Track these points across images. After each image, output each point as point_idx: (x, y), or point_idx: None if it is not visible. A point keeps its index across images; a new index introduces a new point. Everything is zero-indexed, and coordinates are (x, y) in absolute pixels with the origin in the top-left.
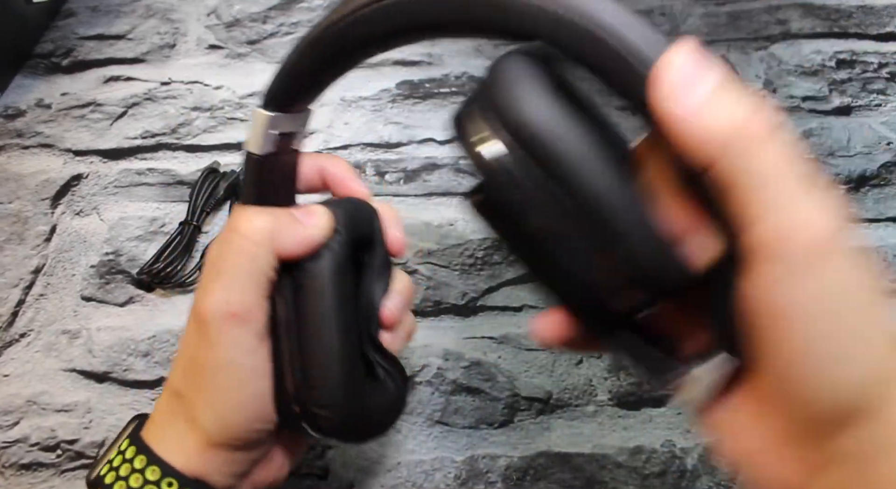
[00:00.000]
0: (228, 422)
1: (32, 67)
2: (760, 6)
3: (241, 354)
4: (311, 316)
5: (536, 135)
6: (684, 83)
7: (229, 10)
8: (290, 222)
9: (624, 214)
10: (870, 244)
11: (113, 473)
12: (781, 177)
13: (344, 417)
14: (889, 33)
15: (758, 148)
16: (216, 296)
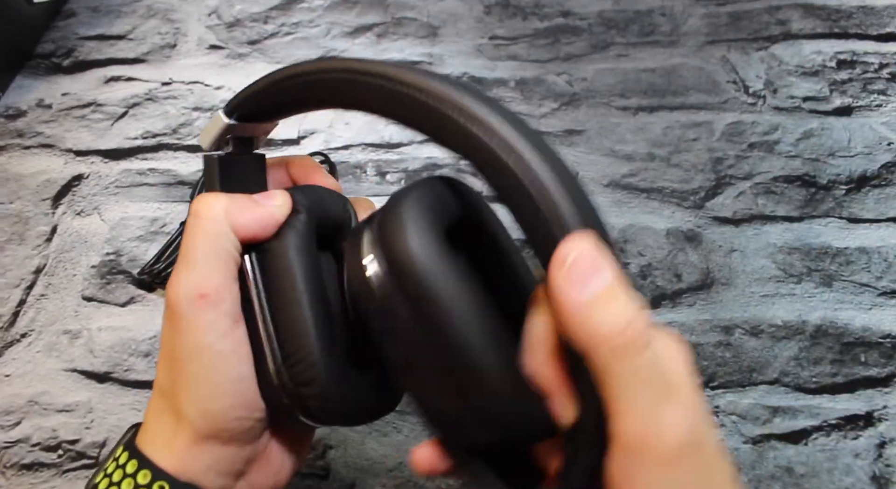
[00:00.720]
0: (211, 409)
1: (33, 68)
2: (761, 6)
3: (216, 338)
4: (279, 293)
5: (408, 271)
6: (582, 275)
7: (230, 11)
8: (248, 203)
9: (483, 362)
10: (870, 244)
11: (106, 480)
12: (647, 386)
13: (331, 395)
14: (889, 33)
15: (631, 355)
16: (182, 280)
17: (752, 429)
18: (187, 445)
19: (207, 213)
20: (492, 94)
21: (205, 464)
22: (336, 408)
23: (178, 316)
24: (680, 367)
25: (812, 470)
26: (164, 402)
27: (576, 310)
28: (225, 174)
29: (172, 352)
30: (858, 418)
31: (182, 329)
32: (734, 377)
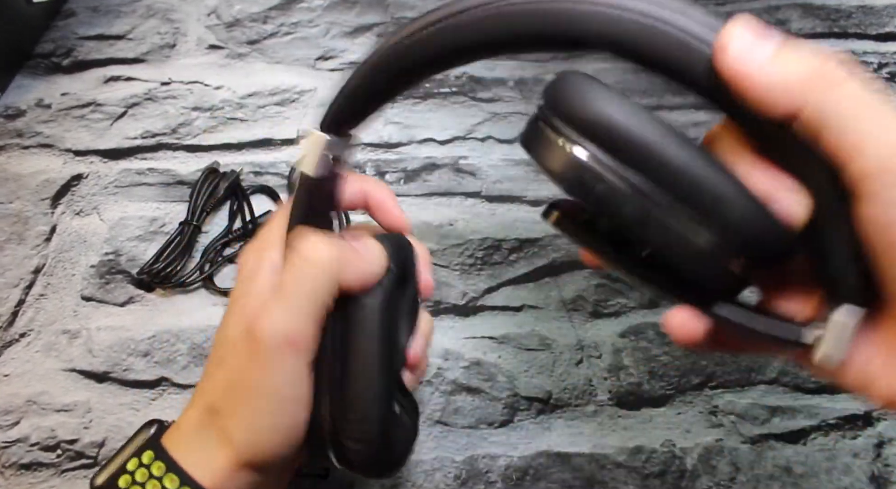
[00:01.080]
0: (263, 445)
1: (33, 67)
2: (760, 6)
3: (290, 382)
4: (359, 351)
5: (620, 131)
6: (749, 45)
7: (229, 10)
8: (354, 255)
9: (718, 187)
10: None
11: (128, 477)
12: (870, 108)
13: (374, 452)
14: (889, 33)
15: (840, 86)
16: (277, 319)
17: (750, 428)
18: (226, 467)
19: (317, 259)
20: (491, 93)
21: (234, 485)
22: (374, 463)
23: (260, 350)
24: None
25: (811, 469)
26: (211, 420)
27: (762, 72)
28: (314, 197)
29: (241, 380)
30: (857, 418)
31: (260, 364)
32: (733, 377)
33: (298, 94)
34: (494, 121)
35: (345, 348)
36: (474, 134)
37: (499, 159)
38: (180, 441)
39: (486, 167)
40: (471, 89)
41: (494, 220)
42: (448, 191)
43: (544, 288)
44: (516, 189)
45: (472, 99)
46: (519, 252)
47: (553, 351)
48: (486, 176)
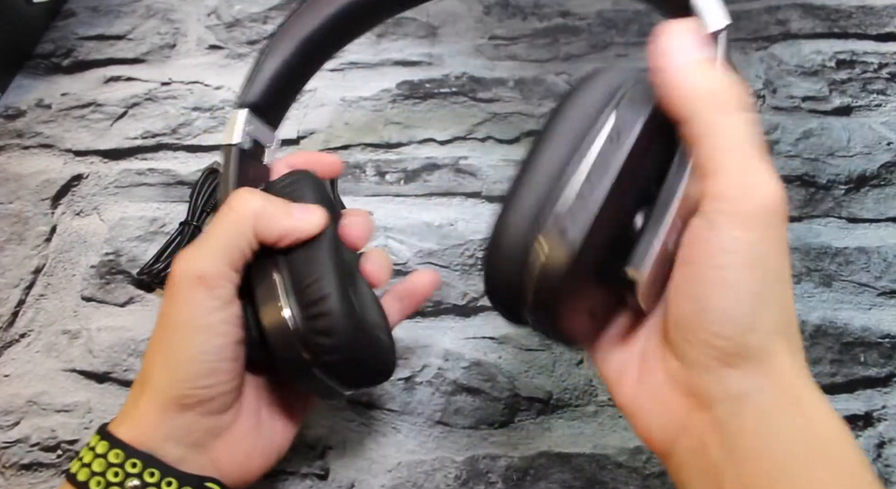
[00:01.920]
0: (179, 378)
1: (33, 67)
2: (760, 6)
3: (201, 314)
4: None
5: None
6: (679, 47)
7: (229, 11)
8: (282, 211)
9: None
10: (869, 244)
11: (77, 463)
12: (743, 141)
13: (350, 343)
14: (889, 33)
15: (727, 113)
16: (189, 259)
17: None
18: (147, 413)
19: (238, 209)
20: (491, 93)
21: (162, 433)
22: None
23: (174, 289)
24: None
25: None
26: (138, 378)
27: (681, 71)
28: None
29: (158, 322)
30: (857, 418)
31: (173, 301)
32: None
33: (297, 95)
34: (494, 121)
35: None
36: (474, 134)
37: (499, 159)
38: (120, 413)
39: (487, 167)
40: (471, 89)
41: None
42: (448, 191)
43: None
44: None
45: (472, 99)
46: None
47: (553, 351)
48: (487, 176)
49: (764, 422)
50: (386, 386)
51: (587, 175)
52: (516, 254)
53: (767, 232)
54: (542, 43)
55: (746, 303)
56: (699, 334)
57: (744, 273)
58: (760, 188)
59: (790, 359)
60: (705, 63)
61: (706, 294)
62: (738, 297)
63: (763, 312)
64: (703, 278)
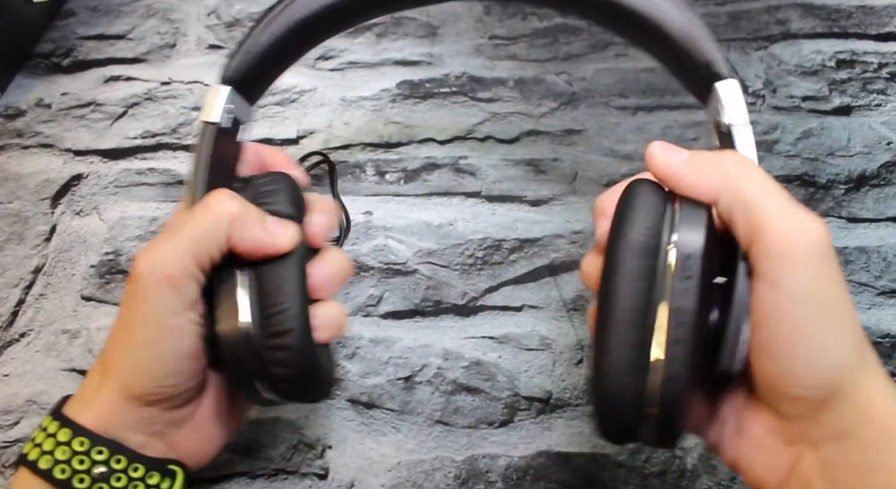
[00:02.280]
0: (143, 374)
1: (32, 67)
2: (760, 6)
3: (167, 314)
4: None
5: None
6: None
7: (229, 10)
8: (257, 225)
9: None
10: (869, 244)
11: (29, 444)
12: (770, 195)
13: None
14: (889, 33)
15: (745, 179)
16: (157, 254)
17: None
18: (109, 403)
19: (215, 211)
20: (491, 93)
21: (125, 422)
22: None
23: (139, 284)
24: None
25: None
26: (100, 367)
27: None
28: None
29: (122, 319)
30: None
31: (138, 298)
32: None
33: (298, 94)
34: (494, 121)
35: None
36: (474, 134)
37: (499, 159)
38: (78, 398)
39: (486, 167)
40: (471, 89)
41: (494, 220)
42: (448, 191)
43: (544, 288)
44: (516, 189)
45: (471, 99)
46: (519, 252)
47: (553, 351)
48: (486, 176)
49: (865, 455)
50: (386, 385)
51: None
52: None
53: (823, 270)
54: (541, 43)
55: (828, 348)
56: (791, 390)
57: (815, 319)
58: (803, 232)
59: (879, 385)
60: (696, 154)
61: (788, 351)
62: (819, 344)
63: (844, 350)
64: (780, 337)
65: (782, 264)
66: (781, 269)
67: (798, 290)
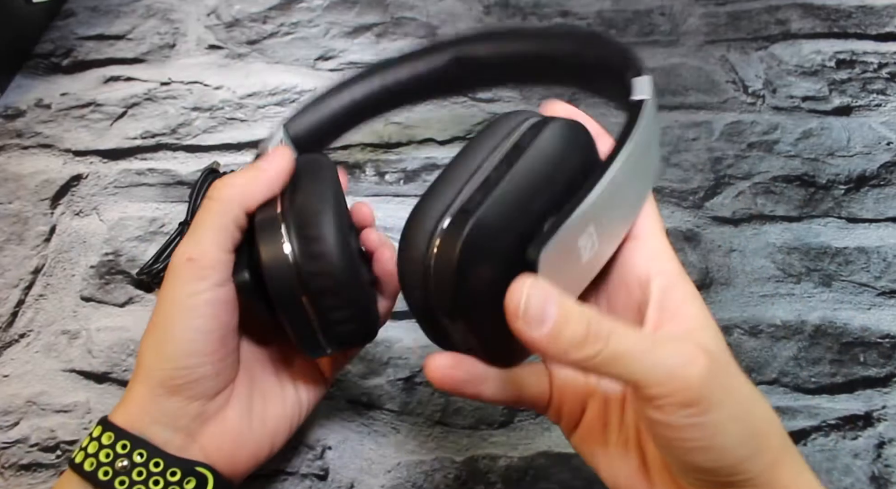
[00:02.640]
0: (161, 356)
1: (32, 67)
2: (760, 6)
3: (189, 293)
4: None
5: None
6: (535, 319)
7: (229, 10)
8: (253, 178)
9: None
10: (869, 244)
11: (81, 453)
12: (633, 356)
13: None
14: (889, 33)
15: (603, 349)
16: (182, 248)
17: None
18: (137, 398)
19: (218, 196)
20: (491, 93)
21: (151, 416)
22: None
23: (167, 274)
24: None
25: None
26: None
27: (542, 345)
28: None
29: (154, 309)
30: (857, 418)
31: (165, 285)
32: None
33: (298, 95)
34: None
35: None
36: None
37: None
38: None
39: None
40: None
41: None
42: None
43: None
44: None
45: (471, 99)
46: None
47: None
48: None
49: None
50: (385, 386)
51: (487, 176)
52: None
53: (715, 390)
54: None
55: (734, 452)
56: (694, 475)
57: (719, 432)
58: (683, 369)
59: (791, 470)
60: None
61: (695, 459)
62: (724, 452)
63: (753, 446)
64: (684, 450)
65: (671, 401)
66: (671, 404)
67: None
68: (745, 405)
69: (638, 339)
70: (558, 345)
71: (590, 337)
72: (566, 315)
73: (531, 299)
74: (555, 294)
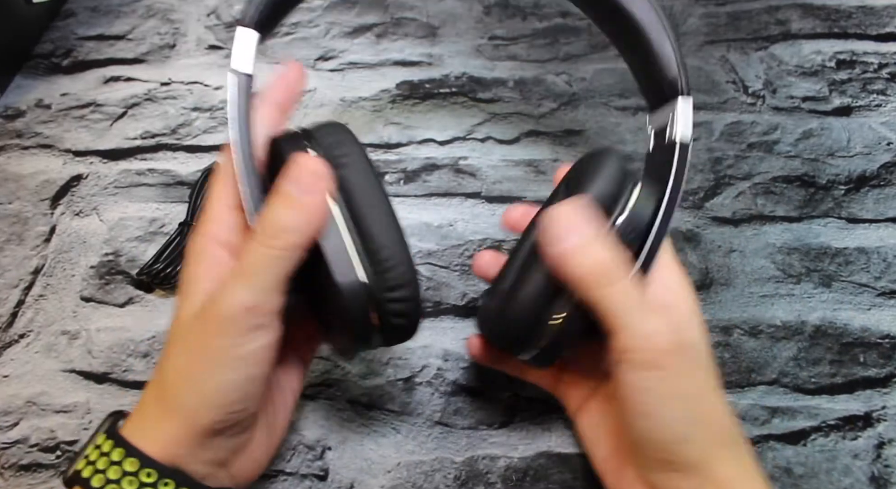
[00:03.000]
0: (212, 403)
1: (32, 68)
2: (760, 6)
3: (242, 342)
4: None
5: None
6: (563, 233)
7: (229, 11)
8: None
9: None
10: (869, 245)
11: (90, 468)
12: (632, 302)
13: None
14: (889, 33)
15: (612, 284)
16: (238, 295)
17: (750, 429)
18: (176, 435)
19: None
20: (491, 93)
21: (191, 454)
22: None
23: (219, 320)
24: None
25: (811, 470)
26: (163, 394)
27: (559, 259)
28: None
29: (193, 348)
30: (857, 419)
31: (216, 331)
32: (733, 378)
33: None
34: (494, 121)
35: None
36: (474, 134)
37: (499, 160)
38: (134, 424)
39: (486, 168)
40: (471, 89)
41: (494, 221)
42: (448, 191)
43: None
44: (516, 189)
45: (471, 99)
46: None
47: None
48: (486, 176)
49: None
50: (386, 386)
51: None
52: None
53: (674, 366)
54: (541, 43)
55: (672, 428)
56: (642, 449)
57: (663, 404)
58: (656, 334)
59: (733, 466)
60: (587, 243)
61: (639, 424)
62: (664, 424)
63: (692, 431)
64: (632, 412)
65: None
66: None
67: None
68: (697, 394)
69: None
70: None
71: (612, 265)
72: (601, 238)
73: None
74: (590, 217)
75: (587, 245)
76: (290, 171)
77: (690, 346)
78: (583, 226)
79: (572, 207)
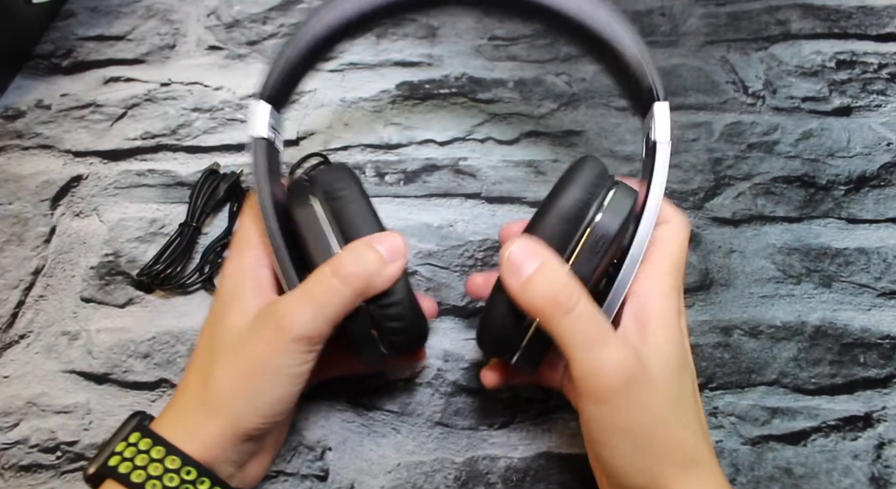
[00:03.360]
0: (258, 414)
1: (32, 68)
2: (760, 6)
3: (294, 364)
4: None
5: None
6: (514, 268)
7: (229, 11)
8: (380, 268)
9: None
10: (869, 245)
11: (127, 464)
12: (583, 332)
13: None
14: (889, 34)
15: (565, 313)
16: (306, 321)
17: (750, 430)
18: (219, 437)
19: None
20: (491, 94)
21: (225, 455)
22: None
23: (281, 341)
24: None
25: (811, 471)
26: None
27: (515, 292)
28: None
29: (248, 358)
30: (857, 419)
31: (274, 351)
32: (733, 378)
33: (298, 95)
34: (494, 122)
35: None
36: (474, 135)
37: (498, 160)
38: (167, 422)
39: (486, 168)
40: (470, 90)
41: (494, 222)
42: (448, 192)
43: None
44: (516, 190)
45: (471, 100)
46: None
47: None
48: (486, 177)
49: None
50: (385, 387)
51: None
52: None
53: (622, 399)
54: (541, 43)
55: (621, 456)
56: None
57: (612, 434)
58: (602, 370)
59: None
60: (537, 276)
61: (594, 448)
62: (613, 452)
63: (639, 461)
64: (587, 437)
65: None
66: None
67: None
68: (648, 424)
69: (593, 324)
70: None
71: (561, 297)
72: (546, 271)
73: (515, 252)
74: (539, 251)
75: (537, 278)
76: (384, 237)
77: (645, 376)
78: (532, 259)
79: (522, 242)
